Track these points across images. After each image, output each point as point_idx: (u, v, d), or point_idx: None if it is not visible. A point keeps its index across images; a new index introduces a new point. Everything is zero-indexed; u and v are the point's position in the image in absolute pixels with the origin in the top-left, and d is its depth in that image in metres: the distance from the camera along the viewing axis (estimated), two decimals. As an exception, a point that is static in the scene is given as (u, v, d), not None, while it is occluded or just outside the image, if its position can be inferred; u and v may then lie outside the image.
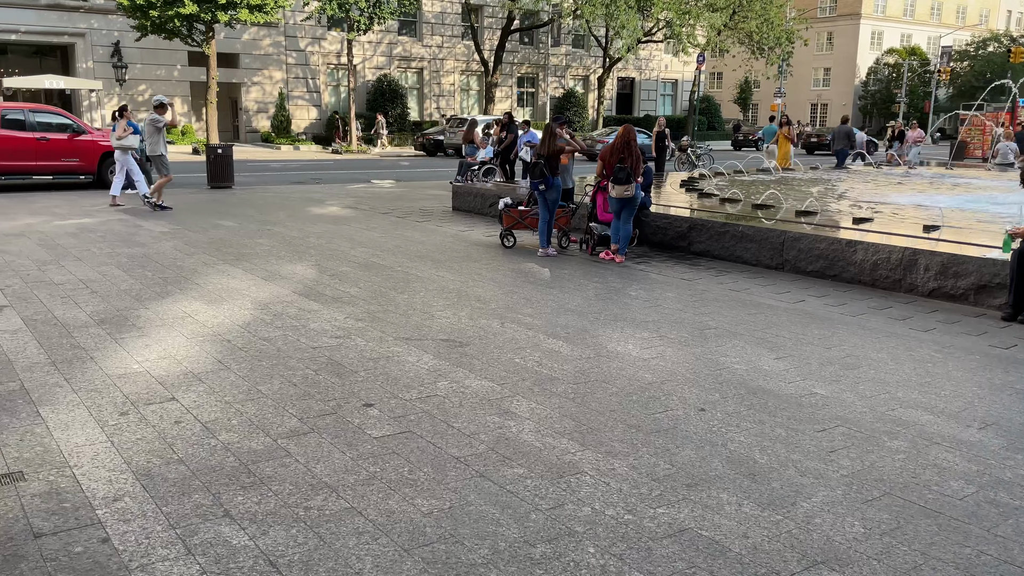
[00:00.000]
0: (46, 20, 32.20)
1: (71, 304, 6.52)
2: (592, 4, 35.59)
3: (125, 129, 14.08)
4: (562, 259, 9.65)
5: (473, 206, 13.85)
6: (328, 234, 10.95)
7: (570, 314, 6.84)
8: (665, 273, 8.93)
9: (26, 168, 16.67)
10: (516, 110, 46.02)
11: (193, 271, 8.09)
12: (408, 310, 6.77)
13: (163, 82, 35.05)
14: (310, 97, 39.26)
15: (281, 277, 7.95)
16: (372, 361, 5.29)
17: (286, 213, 13.15)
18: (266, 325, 6.09)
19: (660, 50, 52.36)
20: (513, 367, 5.29)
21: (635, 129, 9.62)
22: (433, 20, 42.36)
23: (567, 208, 10.62)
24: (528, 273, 8.64)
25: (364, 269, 8.52)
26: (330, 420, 4.23)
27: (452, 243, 10.53)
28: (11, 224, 11.09)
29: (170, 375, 4.86)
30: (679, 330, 6.43)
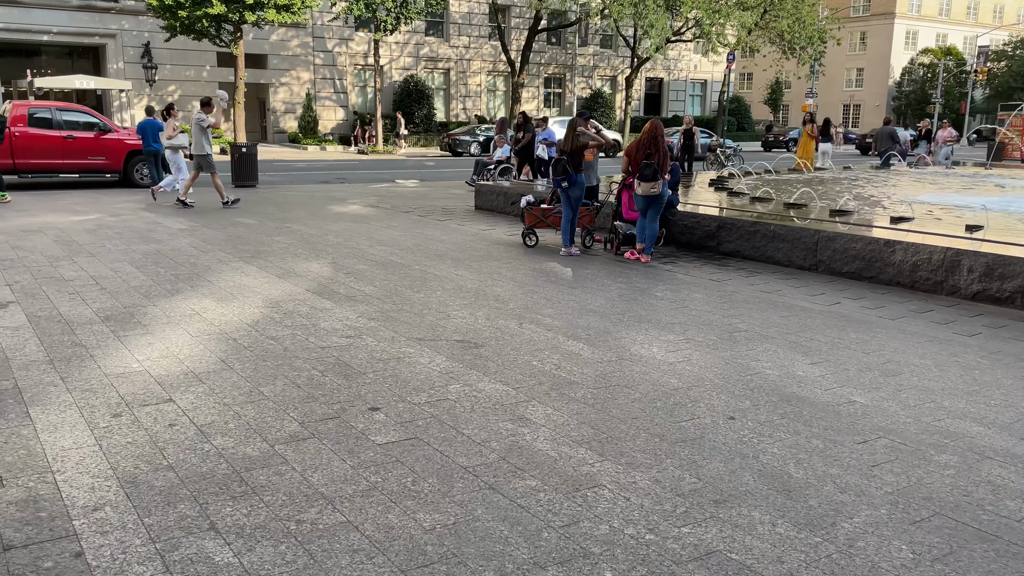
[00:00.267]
0: (78, 21, 32.55)
1: (78, 301, 6.35)
2: (620, 3, 35.18)
3: (175, 128, 14.07)
4: (585, 259, 9.34)
5: (496, 205, 13.59)
6: (347, 232, 10.75)
7: (592, 315, 6.54)
8: (692, 273, 8.59)
9: (53, 166, 16.74)
10: (543, 111, 45.72)
11: (207, 268, 7.91)
12: (423, 309, 6.51)
13: (192, 82, 35.29)
14: (337, 98, 39.32)
15: (295, 275, 7.74)
16: (382, 362, 5.03)
17: (307, 211, 12.99)
18: (275, 324, 5.87)
19: (689, 50, 51.77)
20: (530, 370, 5.00)
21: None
22: (460, 20, 42.23)
23: (591, 206, 10.30)
24: (549, 273, 8.35)
25: (381, 267, 8.29)
26: (332, 425, 3.98)
27: (472, 242, 10.27)
28: (30, 220, 11.03)
29: (170, 375, 4.64)
30: (707, 333, 6.11)
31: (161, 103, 34.64)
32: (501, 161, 18.11)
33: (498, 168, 17.89)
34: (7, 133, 16.15)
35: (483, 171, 17.98)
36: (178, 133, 14.10)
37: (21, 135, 16.39)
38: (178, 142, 14.10)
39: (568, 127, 9.50)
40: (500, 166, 17.94)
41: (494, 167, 17.92)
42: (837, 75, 67.84)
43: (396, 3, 32.80)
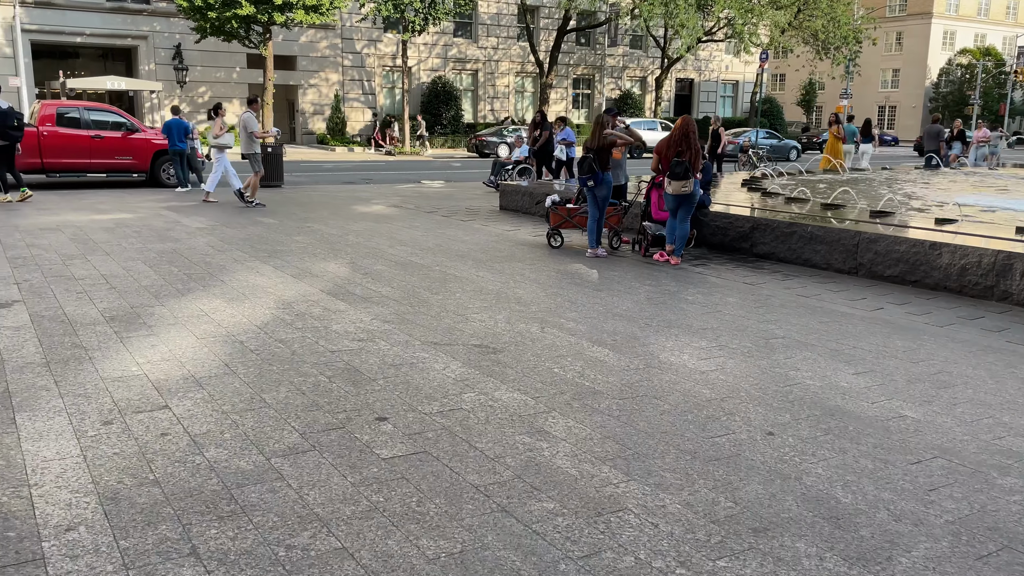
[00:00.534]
0: (110, 23, 32.86)
1: (85, 300, 6.15)
2: (651, 3, 34.72)
3: (221, 128, 14.02)
4: (612, 260, 8.99)
5: (521, 205, 13.28)
6: (368, 232, 10.51)
7: (618, 319, 6.19)
8: (725, 276, 8.20)
9: (80, 166, 16.76)
10: (571, 112, 45.36)
11: (221, 267, 7.69)
12: (441, 312, 6.21)
13: (222, 84, 35.48)
14: (365, 99, 39.31)
15: (311, 275, 7.49)
16: (393, 368, 4.74)
17: (329, 211, 12.79)
18: (285, 326, 5.60)
19: (720, 50, 51.06)
20: (551, 378, 4.68)
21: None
22: (489, 21, 42.03)
23: (619, 206, 9.95)
24: (575, 275, 8.01)
25: (400, 268, 8.02)
26: (335, 436, 3.69)
27: (496, 242, 9.96)
28: (50, 219, 10.94)
29: (169, 379, 4.39)
30: (742, 339, 5.73)
31: (192, 104, 34.87)
32: (519, 161, 17.78)
33: (516, 168, 17.56)
34: (35, 132, 16.21)
35: (501, 171, 17.66)
36: (224, 132, 14.04)
37: (49, 134, 16.43)
38: (224, 141, 14.05)
39: (594, 123, 9.16)
40: (518, 166, 17.60)
41: (512, 167, 17.60)
42: (872, 76, 66.58)
43: (424, 4, 32.66)
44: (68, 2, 31.86)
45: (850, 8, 44.84)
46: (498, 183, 17.51)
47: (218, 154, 14.02)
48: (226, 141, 14.06)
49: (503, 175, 17.61)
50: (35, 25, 31.46)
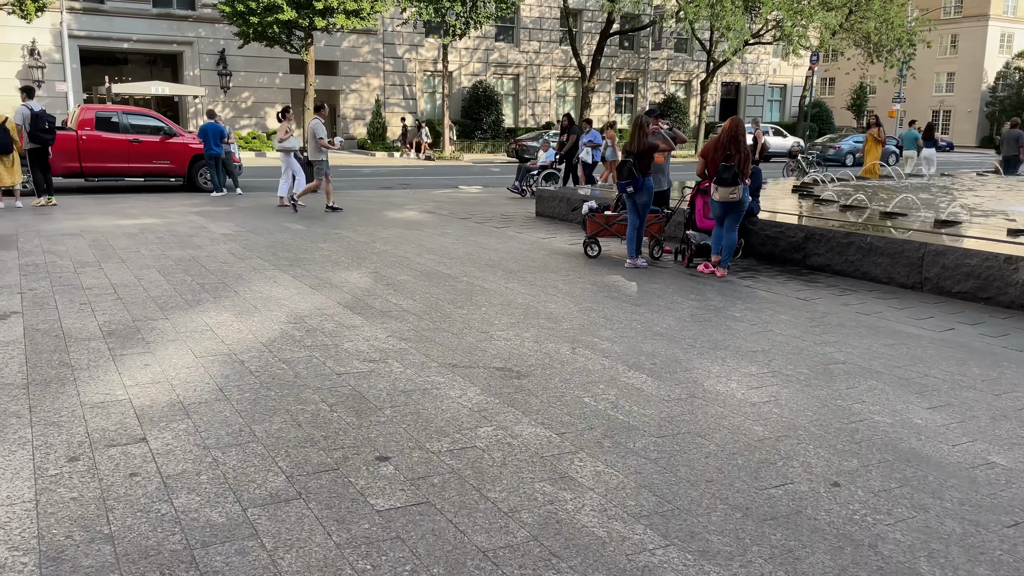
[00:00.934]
0: (156, 29, 33.23)
1: (87, 312, 5.79)
2: (696, 4, 33.91)
3: (287, 131, 13.85)
4: (653, 271, 8.41)
5: (557, 211, 12.75)
6: (396, 239, 10.08)
7: (659, 339, 5.62)
8: (776, 291, 7.56)
9: (118, 170, 16.70)
10: (614, 116, 44.68)
11: (238, 277, 7.31)
12: (463, 329, 5.72)
13: (265, 89, 35.66)
14: (406, 104, 39.18)
15: (331, 286, 7.07)
16: (404, 395, 4.25)
17: (360, 217, 12.42)
18: (293, 343, 5.16)
19: (768, 53, 49.89)
20: (580, 409, 4.14)
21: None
22: (531, 25, 41.62)
23: (660, 213, 9.36)
24: (612, 287, 7.45)
25: (425, 279, 7.55)
26: (327, 480, 3.20)
27: (529, 251, 9.45)
28: (75, 224, 10.74)
29: (154, 405, 3.96)
30: (797, 364, 5.12)
31: (235, 109, 35.10)
32: (545, 166, 17.19)
33: (542, 173, 17.03)
34: (74, 136, 16.20)
35: (526, 177, 17.12)
36: (290, 136, 13.86)
37: (88, 138, 16.40)
38: (290, 144, 13.87)
39: (634, 126, 8.59)
40: (544, 171, 17.05)
41: (538, 172, 17.06)
42: (926, 79, 64.56)
43: (466, 8, 32.36)
44: (116, 8, 32.30)
45: (904, 10, 43.38)
46: (523, 189, 16.98)
47: (285, 157, 13.87)
48: (292, 144, 13.89)
49: (529, 180, 17.12)
50: (83, 31, 31.94)
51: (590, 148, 16.47)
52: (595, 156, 16.55)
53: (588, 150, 16.51)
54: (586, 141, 16.56)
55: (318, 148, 12.95)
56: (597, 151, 16.57)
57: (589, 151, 16.51)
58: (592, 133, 16.70)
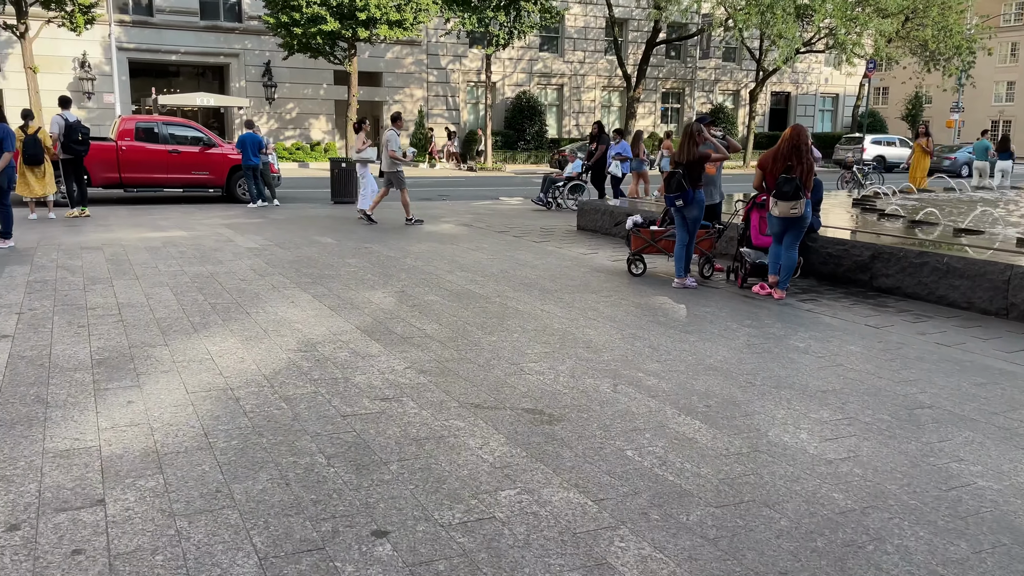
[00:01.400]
0: (204, 41, 33.51)
1: (83, 336, 5.33)
2: (747, 12, 32.98)
3: (363, 142, 13.60)
4: (703, 292, 7.71)
5: (600, 225, 12.09)
6: (428, 254, 9.54)
7: (712, 374, 4.94)
8: (842, 316, 6.80)
9: (157, 180, 16.57)
10: (659, 126, 43.84)
11: (254, 296, 6.82)
12: (492, 359, 5.11)
13: (309, 100, 35.71)
14: (449, 115, 38.92)
15: (352, 307, 6.53)
16: (416, 444, 3.65)
17: (394, 230, 11.93)
18: (298, 377, 4.61)
19: (819, 62, 48.55)
20: (622, 466, 3.50)
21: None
22: (575, 35, 41.09)
23: (712, 229, 8.65)
24: (658, 310, 6.78)
25: (454, 299, 6.97)
26: (307, 566, 2.61)
27: (569, 268, 8.81)
28: (100, 236, 10.44)
29: (126, 455, 3.43)
30: (876, 408, 4.40)
31: (279, 120, 35.21)
32: (572, 177, 16.41)
33: (568, 185, 16.27)
34: (114, 147, 16.10)
35: (551, 188, 16.37)
36: (367, 147, 13.61)
37: (128, 149, 16.30)
38: (366, 155, 13.61)
39: (684, 135, 7.92)
40: (571, 183, 16.29)
41: (563, 184, 16.30)
42: (985, 89, 62.29)
43: (509, 18, 31.96)
44: (165, 21, 32.66)
45: (963, 17, 41.78)
46: (548, 201, 16.27)
47: (362, 169, 13.65)
48: (368, 155, 13.62)
49: (554, 192, 16.38)
50: (133, 44, 32.35)
51: (618, 161, 15.63)
52: (625, 169, 15.73)
53: (616, 163, 15.64)
54: (614, 153, 15.69)
55: (391, 159, 12.65)
56: (627, 164, 15.77)
57: (618, 164, 15.62)
58: (622, 144, 15.78)
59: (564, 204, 16.22)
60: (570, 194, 16.23)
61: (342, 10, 27.86)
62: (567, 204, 16.19)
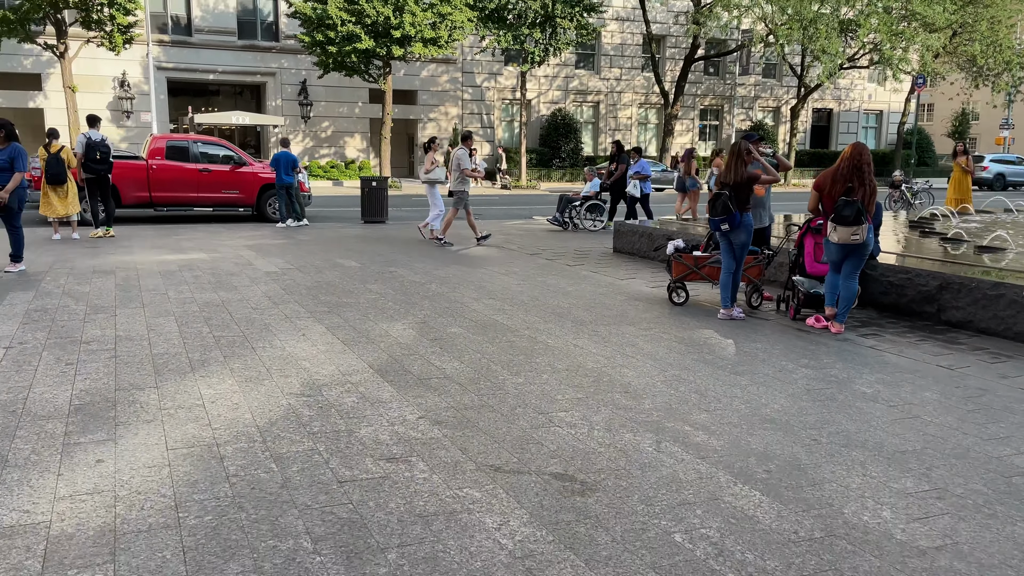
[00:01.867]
0: (241, 60, 33.69)
1: (67, 376, 4.86)
2: (789, 27, 32.18)
3: (432, 162, 13.29)
4: (752, 324, 7.04)
5: (638, 248, 11.46)
6: (455, 279, 9.00)
7: (770, 428, 4.30)
8: (909, 354, 6.09)
9: (187, 199, 16.37)
10: (697, 144, 43.06)
11: (263, 328, 6.33)
12: (517, 406, 4.52)
13: (344, 119, 35.69)
14: (484, 132, 38.64)
15: (367, 340, 5.99)
16: (422, 522, 3.07)
17: (421, 252, 11.44)
18: (296, 429, 4.07)
19: (863, 78, 47.43)
20: (669, 557, 2.88)
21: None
22: (612, 52, 40.61)
23: (760, 254, 7.99)
24: (704, 346, 6.13)
25: (479, 331, 6.40)
26: None
27: (605, 295, 8.20)
28: (117, 259, 10.09)
29: (77, 535, 2.90)
30: (967, 475, 3.72)
31: (314, 139, 35.21)
32: (589, 197, 15.71)
33: (585, 204, 15.58)
34: (145, 166, 15.94)
35: (568, 208, 15.70)
36: (436, 167, 13.28)
37: (158, 168, 16.13)
38: (435, 176, 13.28)
39: (731, 153, 7.29)
40: (588, 202, 15.60)
41: (580, 203, 15.62)
42: (1037, 104, 60.27)
43: (545, 35, 31.58)
44: (203, 41, 32.91)
45: (1012, 31, 40.46)
46: (565, 221, 15.58)
47: (430, 189, 13.34)
48: (437, 176, 13.27)
49: (571, 212, 15.70)
50: (172, 63, 32.63)
51: (638, 180, 14.89)
52: (645, 188, 14.99)
53: (636, 183, 14.90)
54: (633, 172, 14.96)
55: (462, 178, 12.37)
56: (647, 183, 15.04)
57: (637, 184, 14.89)
58: (641, 163, 15.05)
59: (581, 224, 15.60)
60: (588, 214, 15.59)
61: (377, 28, 27.74)
62: (584, 224, 15.57)
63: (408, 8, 27.57)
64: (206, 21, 33.15)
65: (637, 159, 15.10)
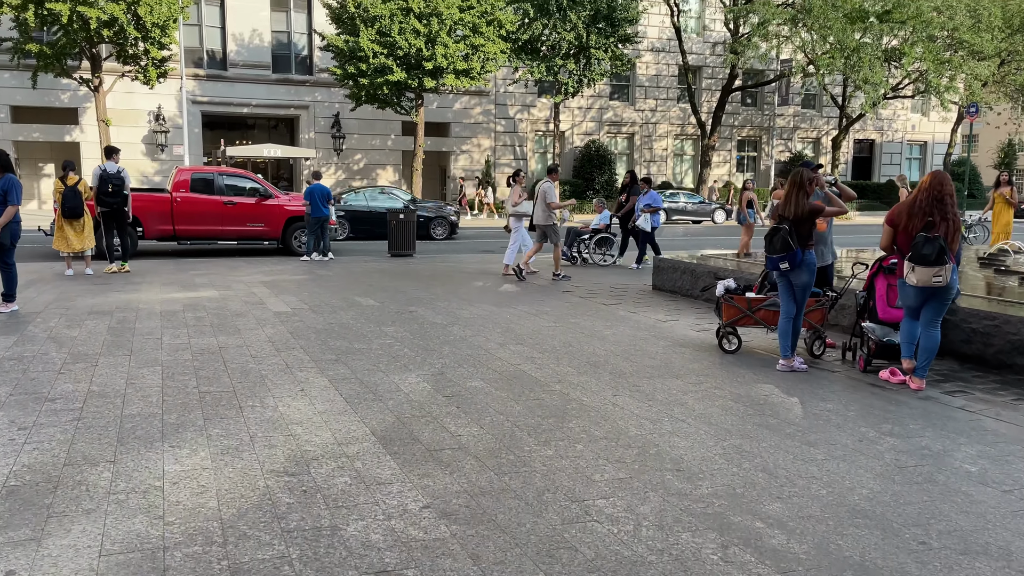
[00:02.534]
0: (275, 94, 33.70)
1: (14, 446, 4.14)
2: (831, 55, 31.27)
3: (520, 195, 12.77)
4: (817, 377, 6.13)
5: (679, 285, 10.58)
6: (480, 320, 8.22)
7: (863, 524, 3.40)
8: (1008, 418, 5.15)
9: (211, 232, 15.92)
10: (735, 175, 42.11)
11: (258, 381, 5.58)
12: (545, 490, 3.69)
13: (377, 151, 35.47)
14: (517, 164, 38.14)
15: (373, 397, 5.22)
16: None
17: (446, 288, 10.69)
18: (268, 524, 3.28)
19: (905, 108, 46.18)
20: None
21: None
22: (647, 83, 40.02)
23: (823, 297, 7.09)
24: (765, 405, 5.25)
25: (504, 385, 5.59)
26: None
27: (645, 341, 7.35)
28: (120, 297, 9.49)
29: None
30: None
31: (347, 171, 34.99)
32: (599, 230, 14.71)
33: (594, 238, 14.61)
34: (169, 199, 15.54)
35: (576, 242, 14.75)
36: (523, 200, 12.73)
37: (182, 200, 15.73)
38: (523, 209, 12.73)
39: (791, 184, 6.44)
40: (597, 235, 14.62)
41: (589, 236, 14.66)
42: (1089, 133, 58.27)
43: (579, 65, 31.08)
44: (237, 75, 33.01)
45: (1063, 58, 39.11)
46: (573, 255, 14.66)
47: (516, 223, 12.82)
48: (525, 209, 12.72)
49: (580, 246, 14.73)
50: (206, 97, 32.73)
51: (648, 213, 13.85)
52: (654, 222, 13.97)
53: (646, 216, 13.86)
54: (643, 205, 13.91)
55: (547, 212, 11.89)
56: (656, 216, 14.00)
57: (647, 217, 13.84)
58: (651, 195, 13.95)
59: (590, 259, 14.67)
60: (597, 248, 14.67)
61: (409, 60, 27.46)
62: (594, 259, 14.65)
63: (441, 40, 27.27)
64: (241, 55, 33.26)
65: (647, 190, 14.08)
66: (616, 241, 14.74)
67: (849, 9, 30.90)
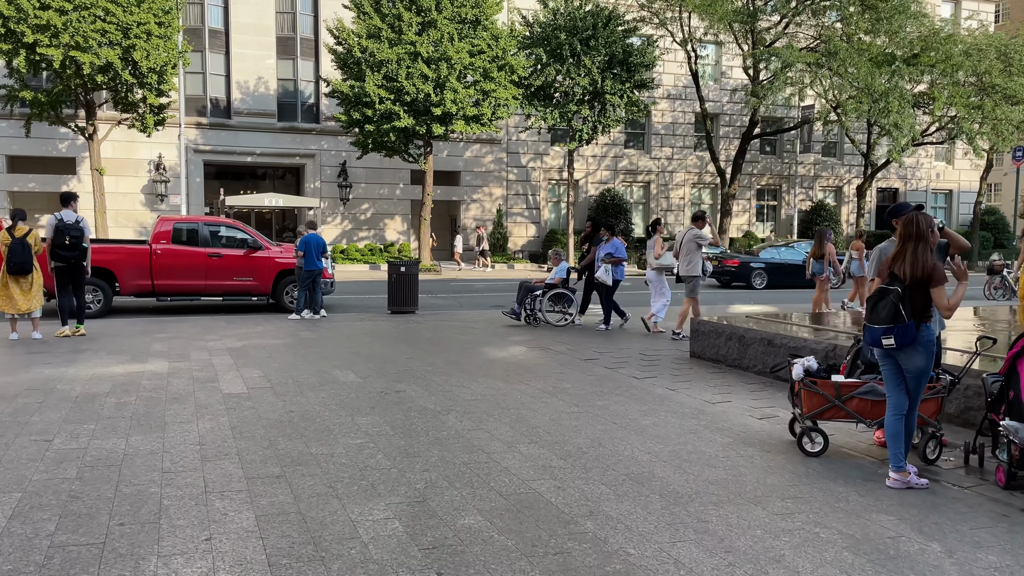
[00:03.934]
0: (280, 143, 32.66)
1: None
2: (858, 100, 29.88)
3: (662, 246, 11.32)
4: (944, 499, 4.34)
5: (725, 353, 8.82)
6: (485, 404, 6.49)
7: None
8: None
9: (194, 288, 14.37)
10: (755, 225, 40.53)
11: (150, 521, 3.86)
12: None
13: (384, 200, 34.23)
14: (529, 214, 36.78)
15: (309, 559, 3.48)
16: None
17: (447, 357, 8.98)
18: None
19: (930, 157, 44.71)
20: None
21: None
22: (663, 131, 38.79)
23: (936, 382, 5.33)
24: (897, 559, 3.47)
25: (508, 522, 3.84)
26: None
27: (697, 435, 5.59)
28: (40, 373, 7.83)
29: None
30: None
31: (353, 221, 33.63)
32: (553, 284, 12.61)
33: (547, 294, 12.52)
34: (148, 251, 14.06)
35: (529, 297, 12.54)
36: (666, 252, 11.46)
37: (163, 253, 14.25)
38: (666, 262, 11.41)
39: (907, 235, 4.74)
40: (551, 291, 12.53)
41: (542, 292, 12.51)
42: (1121, 181, 56.50)
43: (594, 111, 29.83)
44: (242, 123, 32.02)
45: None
46: (521, 312, 12.47)
47: (657, 277, 11.67)
48: (669, 262, 11.39)
49: (532, 303, 12.48)
50: (209, 145, 31.71)
51: (609, 265, 11.77)
52: (617, 274, 11.81)
53: (606, 267, 11.76)
54: (603, 255, 11.87)
55: (696, 259, 10.88)
56: (619, 269, 11.84)
57: (607, 268, 11.74)
58: (613, 243, 11.94)
59: (542, 318, 12.47)
60: (552, 305, 12.64)
61: (416, 106, 26.28)
62: (546, 319, 12.49)
63: (450, 85, 26.11)
64: (245, 103, 32.31)
65: (609, 238, 12.04)
66: (575, 298, 12.78)
67: (875, 53, 29.63)
